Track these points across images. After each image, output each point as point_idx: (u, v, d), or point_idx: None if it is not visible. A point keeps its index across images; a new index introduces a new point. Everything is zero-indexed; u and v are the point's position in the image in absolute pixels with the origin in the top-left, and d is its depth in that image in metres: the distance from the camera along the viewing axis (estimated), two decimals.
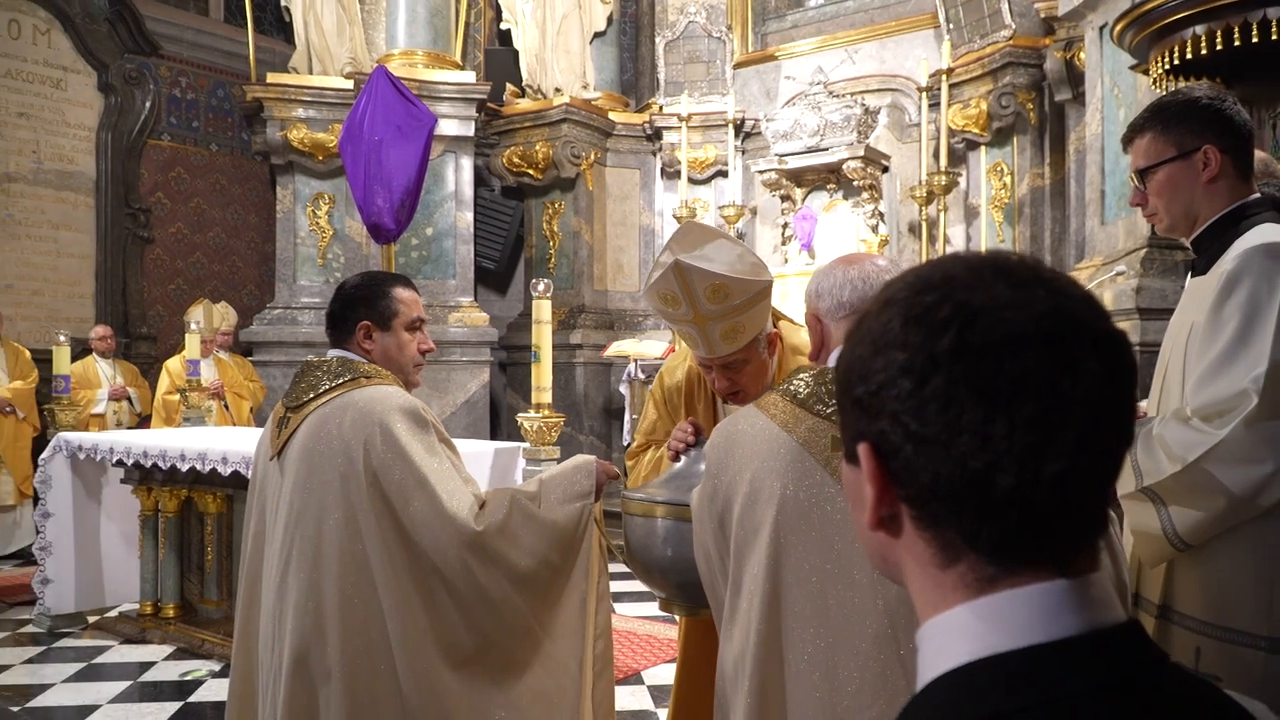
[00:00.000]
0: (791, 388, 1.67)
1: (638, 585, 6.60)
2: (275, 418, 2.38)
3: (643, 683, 4.61)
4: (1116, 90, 5.74)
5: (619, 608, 5.85)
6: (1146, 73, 4.56)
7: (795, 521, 1.57)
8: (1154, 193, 2.12)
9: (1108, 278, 5.45)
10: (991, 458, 0.63)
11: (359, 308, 2.34)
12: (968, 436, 0.63)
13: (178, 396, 7.26)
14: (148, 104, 9.64)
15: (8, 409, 7.42)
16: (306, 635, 2.15)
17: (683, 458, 2.13)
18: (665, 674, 4.62)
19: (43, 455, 5.56)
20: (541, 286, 4.24)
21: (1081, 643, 0.63)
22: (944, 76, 7.50)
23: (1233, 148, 2.04)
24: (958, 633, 0.67)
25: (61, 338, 6.42)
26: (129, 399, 8.08)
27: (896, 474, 0.68)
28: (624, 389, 8.54)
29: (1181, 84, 4.34)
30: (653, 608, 5.56)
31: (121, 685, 4.57)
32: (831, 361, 1.69)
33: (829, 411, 1.60)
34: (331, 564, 2.16)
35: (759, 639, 1.56)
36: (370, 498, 2.16)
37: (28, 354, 7.79)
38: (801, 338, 2.44)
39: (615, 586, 6.54)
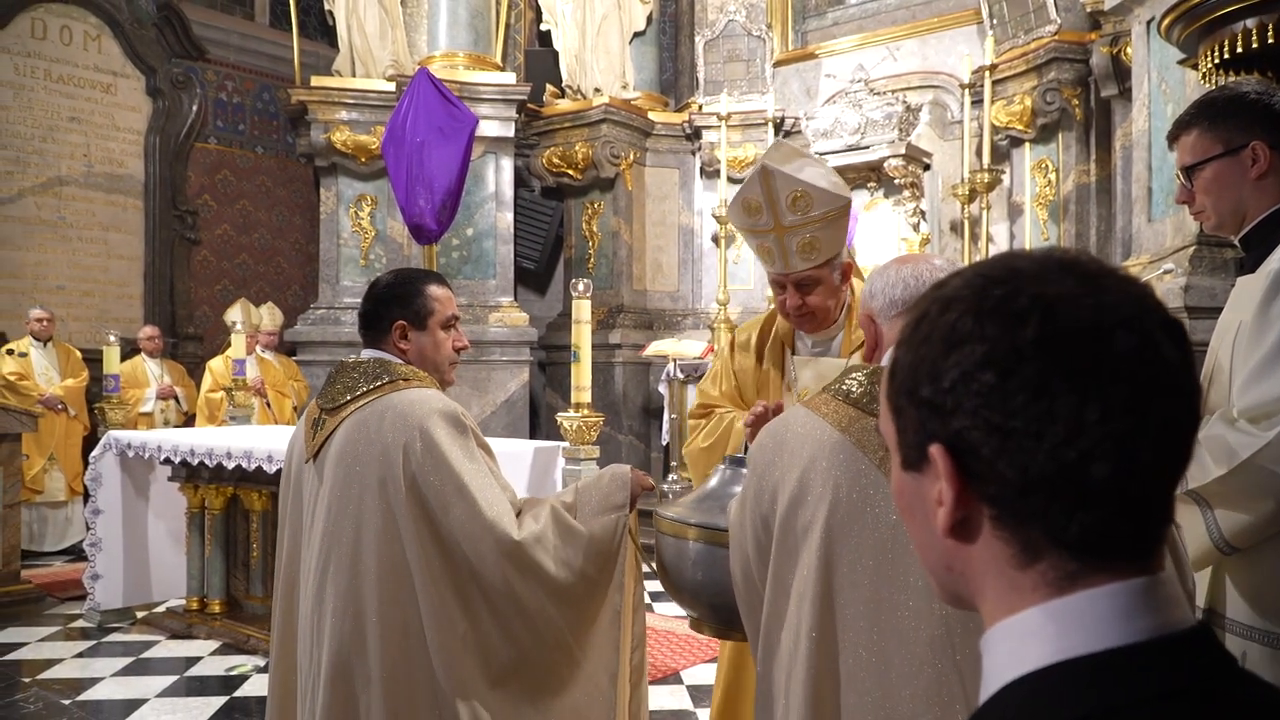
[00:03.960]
0: (844, 387, 1.62)
1: None
2: (309, 419, 2.33)
3: (682, 682, 4.61)
4: (1164, 85, 5.65)
5: (657, 607, 5.85)
6: (1195, 67, 4.48)
7: (848, 522, 1.51)
8: (1201, 190, 2.08)
9: (1155, 276, 5.36)
10: (1086, 445, 0.62)
11: (394, 307, 2.29)
12: (1061, 425, 0.62)
13: (220, 395, 7.38)
14: (194, 107, 9.80)
15: (59, 407, 7.57)
16: (345, 642, 2.13)
17: (716, 476, 2.12)
18: (705, 674, 4.61)
19: (93, 453, 5.67)
20: (581, 286, 4.25)
21: (1157, 647, 0.62)
22: (987, 73, 7.41)
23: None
24: (1031, 636, 0.65)
25: (111, 338, 6.55)
26: (176, 398, 8.22)
27: (976, 473, 0.66)
28: (663, 389, 8.54)
29: (1231, 79, 4.25)
30: None
31: (169, 680, 4.65)
32: (886, 361, 1.64)
33: None
34: (370, 570, 2.13)
35: (810, 644, 1.52)
36: (409, 503, 2.13)
37: (78, 354, 7.95)
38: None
39: (653, 586, 6.54)
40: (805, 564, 1.54)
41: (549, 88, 9.65)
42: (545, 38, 9.88)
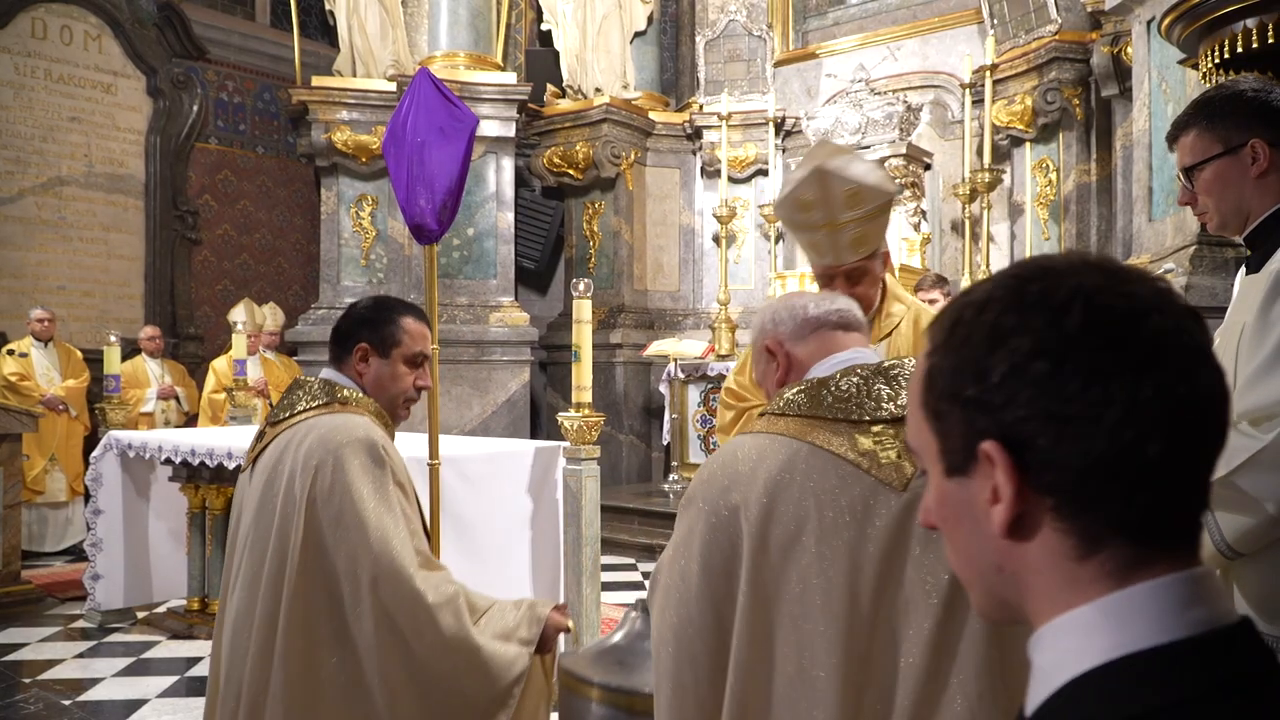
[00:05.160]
0: (784, 402, 1.52)
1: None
2: (258, 431, 2.31)
3: None
4: (1165, 85, 5.64)
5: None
6: (1196, 67, 4.48)
7: (831, 532, 1.39)
8: (1202, 190, 2.06)
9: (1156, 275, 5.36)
10: (1142, 425, 0.64)
11: (362, 329, 2.24)
12: (1118, 406, 0.64)
13: (223, 395, 7.38)
14: (195, 107, 9.80)
15: (61, 407, 7.57)
16: (237, 660, 2.09)
17: (623, 629, 2.04)
18: None
19: (94, 453, 5.67)
20: (582, 286, 4.25)
21: (1211, 640, 0.64)
22: (988, 72, 7.41)
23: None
24: (1092, 630, 0.66)
25: (112, 338, 6.55)
26: (177, 398, 8.22)
27: (1033, 466, 0.67)
28: (663, 388, 8.54)
29: (1231, 78, 4.25)
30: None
31: (169, 680, 4.64)
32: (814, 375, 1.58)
33: (853, 415, 1.47)
34: (266, 592, 2.06)
35: (837, 658, 1.35)
36: (304, 528, 2.04)
37: (79, 354, 7.95)
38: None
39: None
40: (803, 577, 1.39)
41: (550, 87, 9.65)
42: (546, 37, 9.88)
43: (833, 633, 1.37)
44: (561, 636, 2.21)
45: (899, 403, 1.48)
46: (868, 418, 1.47)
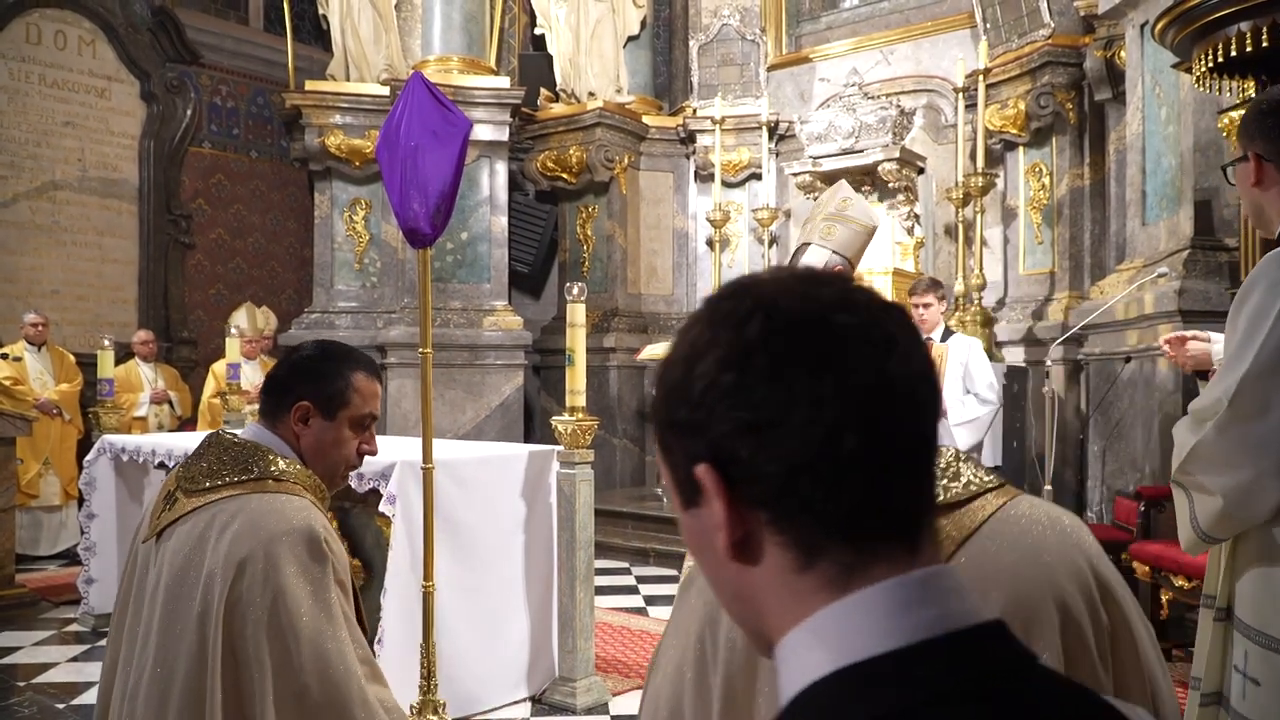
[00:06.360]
0: None
1: (617, 579, 6.62)
2: (166, 488, 1.93)
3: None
4: (1158, 89, 5.66)
5: (653, 610, 5.84)
6: (1189, 71, 4.50)
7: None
8: (1237, 187, 2.20)
9: (1149, 279, 5.38)
10: (831, 419, 0.62)
11: (304, 384, 1.90)
12: (803, 405, 0.63)
13: (220, 400, 7.35)
14: (189, 112, 9.79)
15: (54, 412, 7.55)
16: None
17: None
18: None
19: (87, 457, 5.65)
20: (575, 290, 4.25)
21: (935, 646, 0.60)
22: (981, 76, 7.43)
23: (1275, 155, 2.04)
24: (815, 643, 0.63)
25: (106, 342, 6.53)
26: (170, 402, 8.21)
27: (740, 480, 0.65)
28: None
29: (1224, 83, 4.27)
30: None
31: None
32: None
33: None
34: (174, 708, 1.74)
35: None
36: (222, 632, 1.71)
37: (72, 358, 7.93)
38: None
39: (650, 590, 6.55)
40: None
41: (543, 92, 9.65)
42: (539, 42, 9.88)
43: None
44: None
45: None
46: None
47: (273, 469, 1.83)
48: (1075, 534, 1.07)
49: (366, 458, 1.99)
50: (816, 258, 3.31)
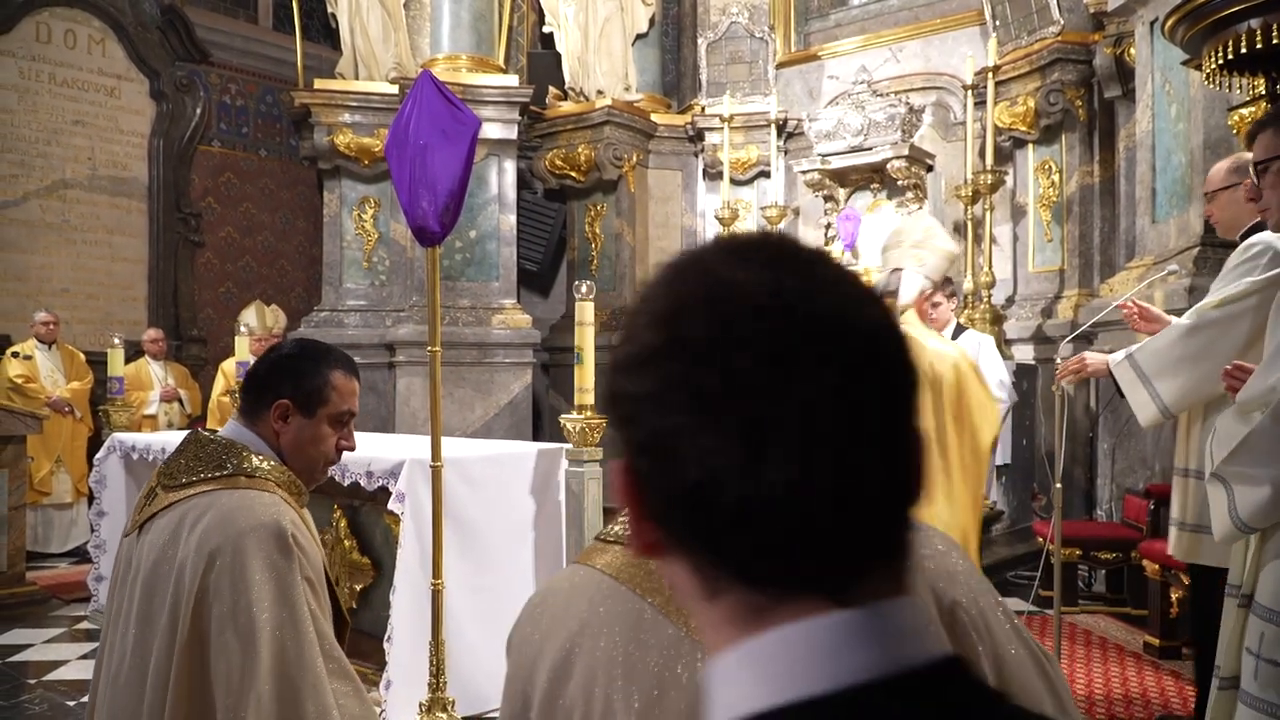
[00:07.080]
0: (614, 529, 1.23)
1: None
2: (148, 485, 2.00)
3: None
4: (1168, 86, 5.64)
5: None
6: (1199, 68, 4.48)
7: (624, 687, 1.06)
8: (1267, 186, 2.18)
9: (1159, 277, 5.36)
10: (723, 458, 0.55)
11: (284, 382, 1.96)
12: (689, 439, 0.56)
13: (230, 397, 7.38)
14: (198, 110, 9.83)
15: (66, 409, 7.59)
16: None
17: None
18: None
19: (98, 455, 5.68)
20: (584, 288, 4.25)
21: (874, 689, 0.53)
22: (990, 74, 7.41)
23: None
24: (728, 683, 0.57)
25: (116, 341, 6.56)
26: (180, 400, 8.24)
27: (645, 492, 0.60)
28: None
29: (1234, 80, 4.25)
30: None
31: None
32: None
33: None
34: (151, 701, 1.80)
35: None
36: (190, 627, 1.76)
37: (82, 356, 7.97)
38: None
39: None
40: None
41: (551, 90, 9.65)
42: (548, 40, 9.88)
43: None
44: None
45: None
46: None
47: (246, 466, 1.89)
48: None
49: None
50: (913, 283, 3.74)
